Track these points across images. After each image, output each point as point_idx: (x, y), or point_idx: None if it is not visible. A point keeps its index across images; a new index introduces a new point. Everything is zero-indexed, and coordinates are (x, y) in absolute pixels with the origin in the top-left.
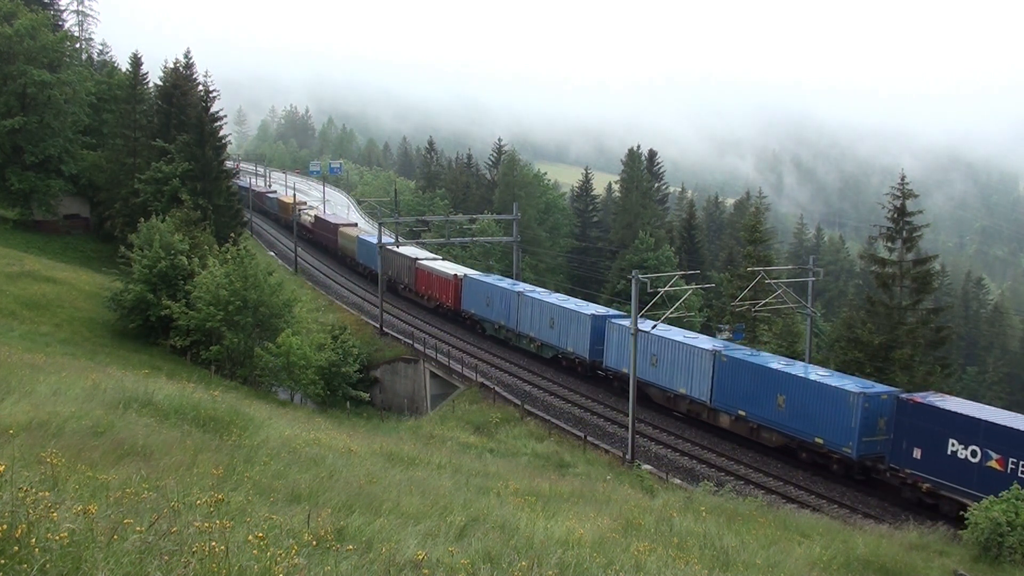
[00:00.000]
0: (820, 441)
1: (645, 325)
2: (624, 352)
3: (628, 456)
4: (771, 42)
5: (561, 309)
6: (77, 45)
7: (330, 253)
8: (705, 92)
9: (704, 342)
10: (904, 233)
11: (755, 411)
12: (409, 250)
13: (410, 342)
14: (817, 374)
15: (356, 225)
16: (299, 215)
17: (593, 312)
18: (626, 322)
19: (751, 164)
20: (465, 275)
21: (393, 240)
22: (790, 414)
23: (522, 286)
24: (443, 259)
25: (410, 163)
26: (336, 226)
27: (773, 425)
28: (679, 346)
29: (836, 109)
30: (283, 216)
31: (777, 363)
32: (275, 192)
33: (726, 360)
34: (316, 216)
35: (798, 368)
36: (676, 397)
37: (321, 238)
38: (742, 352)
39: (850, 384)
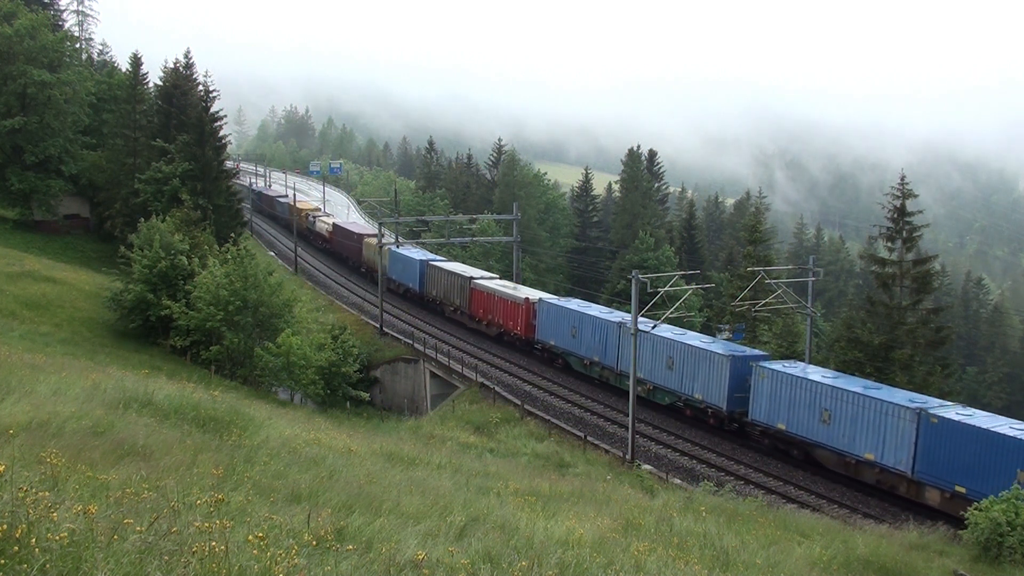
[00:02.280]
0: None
1: (808, 370)
2: (784, 404)
3: (628, 456)
4: (765, 42)
5: (685, 347)
6: (77, 45)
7: (351, 266)
8: (698, 92)
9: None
10: (904, 233)
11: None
12: (458, 267)
13: (410, 342)
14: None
15: (378, 236)
16: (314, 222)
17: (732, 352)
18: (784, 367)
19: (744, 163)
20: (540, 299)
21: (394, 239)
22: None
23: (620, 315)
24: (498, 278)
25: (410, 163)
26: (360, 236)
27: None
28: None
29: (828, 109)
30: (295, 222)
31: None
32: (286, 196)
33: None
34: (335, 224)
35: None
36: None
37: (341, 248)
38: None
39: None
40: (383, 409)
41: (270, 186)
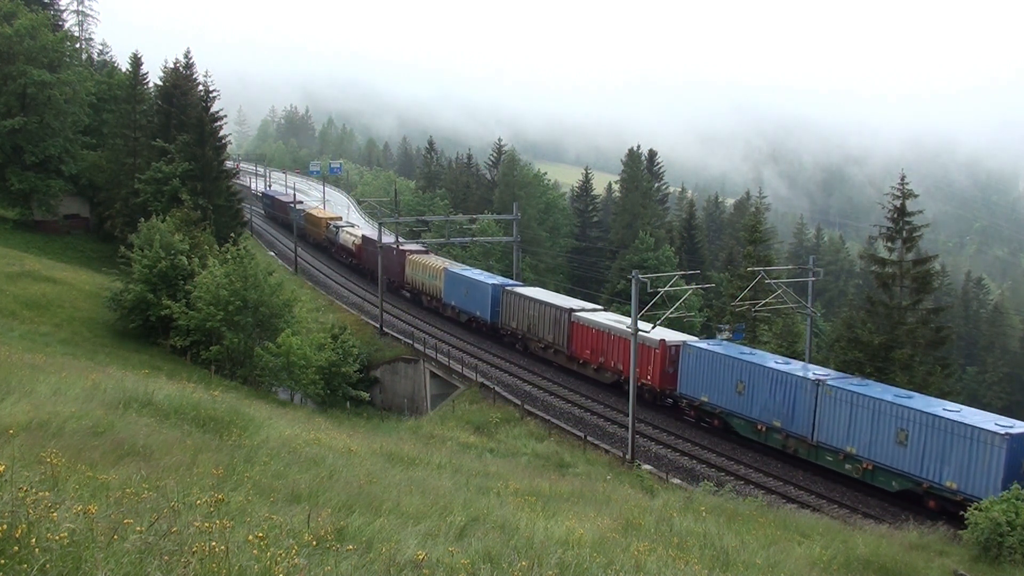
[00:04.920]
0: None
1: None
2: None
3: (628, 456)
4: (761, 43)
5: (924, 416)
6: (77, 45)
7: (391, 288)
8: (689, 91)
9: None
10: (904, 233)
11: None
12: (547, 295)
13: (410, 342)
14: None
15: (429, 252)
16: (337, 233)
17: (1007, 430)
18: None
19: (735, 161)
20: (686, 343)
21: (394, 239)
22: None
23: (813, 369)
24: (603, 309)
25: (410, 163)
26: (403, 253)
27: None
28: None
29: (821, 108)
30: (312, 232)
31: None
32: (302, 202)
33: None
34: (365, 236)
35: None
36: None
37: (375, 265)
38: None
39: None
40: (383, 409)
41: (270, 186)
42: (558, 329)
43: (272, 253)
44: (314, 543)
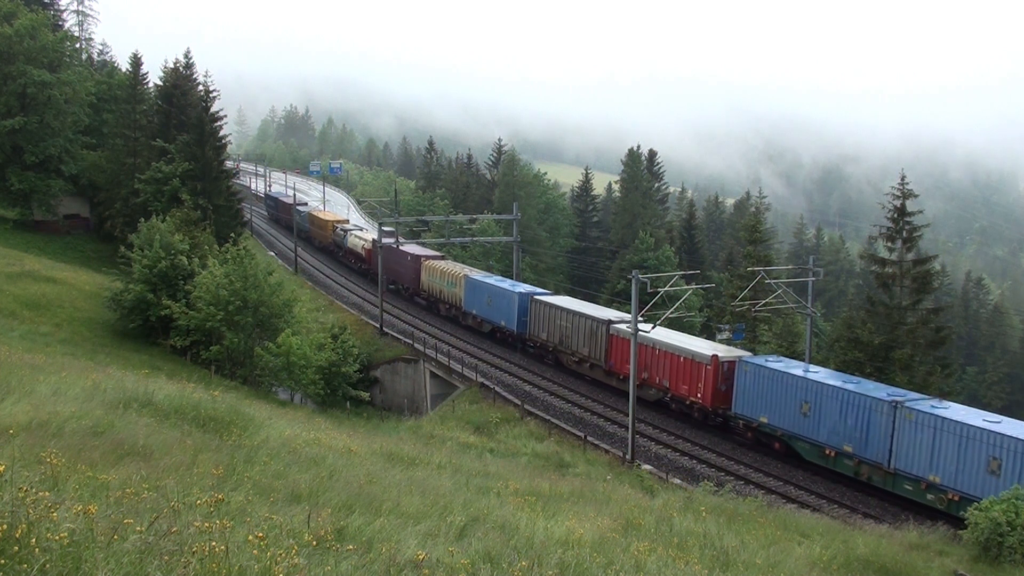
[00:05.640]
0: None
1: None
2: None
3: (628, 456)
4: (758, 42)
5: (1019, 443)
6: (77, 45)
7: (404, 295)
8: (684, 90)
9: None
10: (904, 233)
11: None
12: (579, 304)
13: (410, 342)
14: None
15: (445, 258)
16: (345, 237)
17: None
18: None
19: (732, 160)
20: (741, 359)
21: (394, 240)
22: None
23: (888, 391)
24: (636, 318)
25: (410, 163)
26: (418, 258)
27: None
28: None
29: (819, 107)
30: (318, 235)
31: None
32: (306, 204)
33: None
34: (375, 241)
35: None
36: None
37: (387, 271)
38: None
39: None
40: (383, 409)
41: (270, 186)
42: (594, 342)
43: (272, 253)
44: (314, 543)
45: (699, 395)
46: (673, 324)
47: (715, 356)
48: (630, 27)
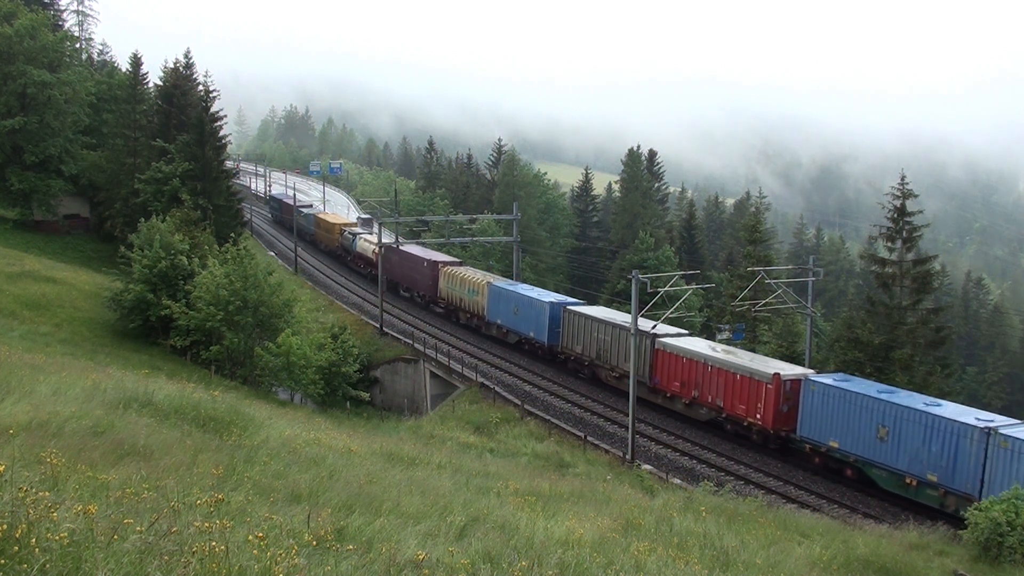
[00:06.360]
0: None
1: None
2: None
3: (628, 456)
4: (756, 42)
5: None
6: (77, 45)
7: (419, 302)
8: (687, 90)
9: None
10: (904, 233)
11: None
12: (615, 315)
13: (410, 342)
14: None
15: (463, 264)
16: (354, 241)
17: None
18: None
19: (732, 160)
20: (806, 378)
21: (394, 239)
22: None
23: (987, 416)
24: (688, 334)
25: (410, 163)
26: (435, 264)
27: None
28: None
29: (816, 107)
30: (325, 239)
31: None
32: (312, 206)
33: None
34: (388, 245)
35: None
36: None
37: (400, 278)
38: None
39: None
40: (383, 409)
41: (270, 186)
42: (639, 357)
43: (272, 253)
44: (314, 543)
45: (758, 416)
46: (673, 324)
47: (777, 374)
48: (630, 27)
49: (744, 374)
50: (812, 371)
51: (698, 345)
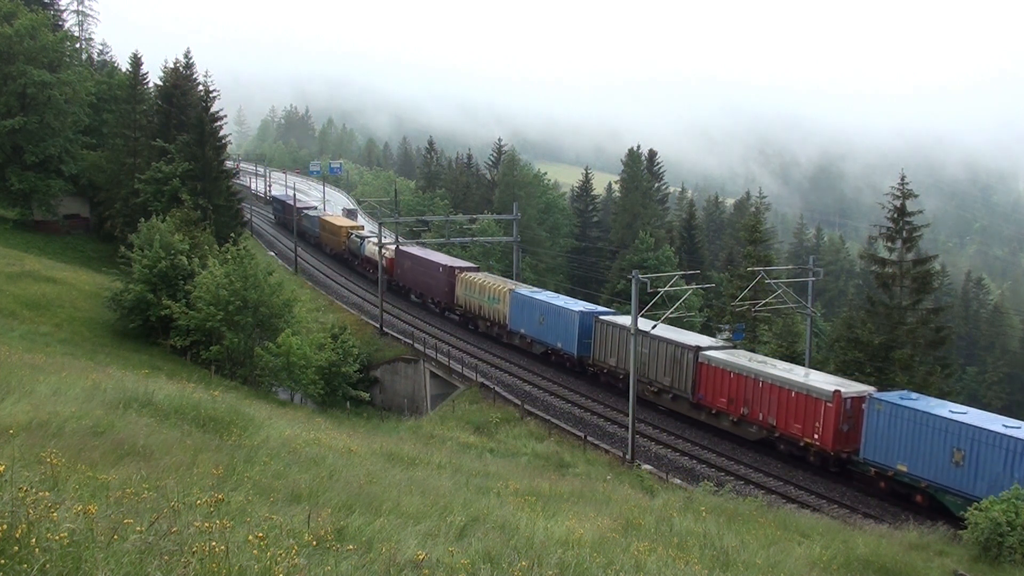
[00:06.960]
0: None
1: None
2: None
3: (628, 456)
4: (755, 41)
5: None
6: (77, 45)
7: (433, 308)
8: (686, 90)
9: None
10: (904, 233)
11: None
12: (670, 331)
13: (410, 342)
14: (751, 358)
15: (479, 270)
16: (362, 245)
17: None
18: None
19: (730, 159)
20: (870, 396)
21: (394, 239)
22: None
23: None
24: (733, 345)
25: (410, 163)
26: (451, 269)
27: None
28: None
29: (815, 107)
30: (330, 242)
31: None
32: (316, 208)
33: None
34: (399, 249)
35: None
36: None
37: (411, 283)
38: None
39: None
40: (383, 409)
41: (271, 186)
42: (678, 371)
43: (272, 253)
44: (314, 543)
45: (816, 436)
46: (673, 324)
47: (837, 392)
48: (630, 27)
49: (800, 391)
50: (873, 388)
51: (746, 359)
